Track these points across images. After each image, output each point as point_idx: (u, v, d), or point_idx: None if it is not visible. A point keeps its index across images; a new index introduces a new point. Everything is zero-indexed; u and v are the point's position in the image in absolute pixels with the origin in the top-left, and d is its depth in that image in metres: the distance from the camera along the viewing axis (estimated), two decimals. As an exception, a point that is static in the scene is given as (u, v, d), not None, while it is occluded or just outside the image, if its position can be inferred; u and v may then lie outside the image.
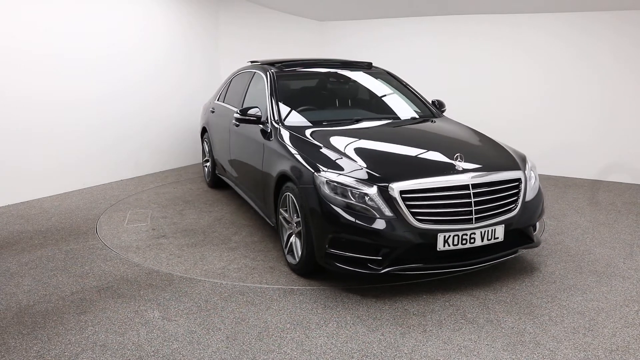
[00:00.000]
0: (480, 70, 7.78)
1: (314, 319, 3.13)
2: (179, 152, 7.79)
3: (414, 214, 3.27)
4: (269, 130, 4.32)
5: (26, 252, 4.24)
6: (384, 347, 2.82)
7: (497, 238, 3.43)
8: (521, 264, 4.01)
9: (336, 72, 5.26)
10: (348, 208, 3.30)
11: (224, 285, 3.59)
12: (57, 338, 2.91)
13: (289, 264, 3.85)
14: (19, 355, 2.74)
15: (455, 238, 3.30)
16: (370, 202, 3.27)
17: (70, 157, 6.17)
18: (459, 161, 3.47)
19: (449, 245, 3.30)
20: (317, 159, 3.62)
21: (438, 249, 3.30)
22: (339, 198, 3.33)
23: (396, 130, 4.41)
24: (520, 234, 3.65)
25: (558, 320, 3.11)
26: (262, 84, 4.89)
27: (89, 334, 2.94)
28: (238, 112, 4.54)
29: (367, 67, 5.24)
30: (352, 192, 3.31)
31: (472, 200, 3.35)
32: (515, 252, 3.63)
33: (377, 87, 5.19)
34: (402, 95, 5.09)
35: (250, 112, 4.45)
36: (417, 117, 4.72)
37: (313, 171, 3.50)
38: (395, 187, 3.28)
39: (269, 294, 3.46)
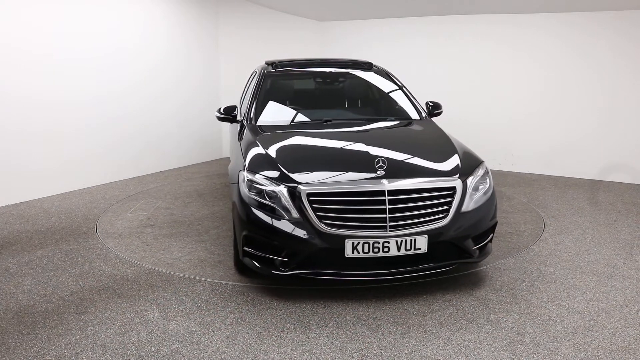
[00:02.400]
0: (480, 70, 7.78)
1: (314, 319, 3.13)
2: (180, 151, 7.80)
3: (320, 217, 3.17)
4: (239, 129, 4.44)
5: (26, 252, 4.24)
6: (384, 347, 2.82)
7: (419, 249, 3.22)
8: (521, 264, 4.01)
9: (329, 73, 5.19)
10: (260, 207, 3.31)
11: (224, 285, 3.59)
12: (57, 338, 2.91)
13: None
14: (19, 355, 2.74)
15: (366, 245, 3.14)
16: (279, 203, 3.25)
17: (71, 157, 6.17)
18: (379, 166, 3.33)
19: (358, 253, 3.15)
20: (248, 158, 3.65)
21: (346, 256, 3.16)
22: (253, 197, 3.35)
23: (349, 133, 4.19)
24: (456, 247, 3.37)
25: (558, 320, 3.11)
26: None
27: (89, 334, 2.94)
28: (217, 110, 4.66)
29: (366, 67, 5.22)
30: (265, 192, 3.32)
31: (387, 207, 3.17)
32: (447, 266, 3.38)
33: (368, 88, 5.12)
34: (391, 96, 4.97)
35: (227, 110, 4.58)
36: (395, 119, 4.58)
37: (240, 169, 3.58)
38: (303, 189, 3.21)
39: (267, 293, 3.46)
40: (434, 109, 4.82)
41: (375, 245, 3.16)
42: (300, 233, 3.18)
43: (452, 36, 7.93)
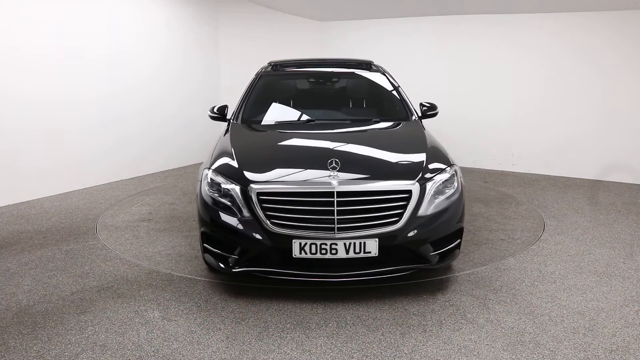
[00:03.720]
0: (480, 70, 7.79)
1: (314, 319, 3.13)
2: (180, 151, 7.80)
3: (269, 217, 3.18)
4: (225, 127, 4.49)
5: (26, 252, 4.24)
6: (384, 347, 2.82)
7: (369, 252, 3.15)
8: (521, 264, 4.01)
9: (323, 73, 5.19)
10: (216, 205, 3.36)
11: (225, 285, 3.59)
12: (57, 338, 2.91)
13: None
14: (19, 355, 2.74)
15: (313, 246, 3.12)
16: (233, 202, 3.30)
17: (71, 157, 6.17)
18: (333, 167, 3.29)
19: (305, 253, 3.14)
20: (214, 156, 3.72)
21: (294, 256, 3.16)
22: (211, 195, 3.41)
23: (324, 134, 4.15)
24: (412, 252, 3.28)
25: (558, 320, 3.10)
26: None
27: (89, 334, 2.94)
28: (210, 110, 4.71)
29: (365, 66, 5.20)
30: (220, 190, 3.38)
31: (335, 208, 3.13)
32: (401, 271, 3.29)
33: (361, 88, 5.11)
34: (382, 97, 4.93)
35: (220, 110, 4.64)
36: (382, 120, 4.50)
37: (205, 167, 3.65)
38: (254, 188, 3.23)
39: (267, 293, 3.46)
40: (429, 110, 4.73)
41: (323, 246, 3.12)
42: (250, 232, 3.20)
43: (452, 36, 7.93)
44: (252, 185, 3.25)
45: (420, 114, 4.70)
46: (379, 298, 3.39)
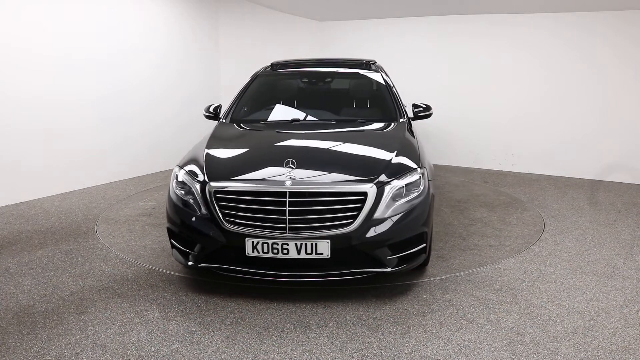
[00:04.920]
0: (480, 70, 7.79)
1: (314, 319, 3.13)
2: (180, 151, 7.77)
3: (224, 215, 3.23)
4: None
5: (26, 252, 4.24)
6: (384, 347, 2.82)
7: (322, 254, 3.13)
8: (521, 264, 4.01)
9: (319, 73, 5.19)
10: (179, 202, 3.45)
11: (225, 285, 3.59)
12: (57, 338, 2.91)
13: None
14: (19, 355, 2.74)
15: (265, 246, 3.14)
16: (194, 199, 3.37)
17: (71, 157, 6.17)
18: (289, 167, 3.29)
19: (258, 252, 3.16)
20: (187, 154, 3.84)
21: (247, 254, 3.18)
22: (177, 192, 3.50)
23: (300, 134, 4.17)
24: (366, 254, 3.22)
25: (558, 320, 3.10)
26: None
27: (89, 334, 2.94)
28: (205, 109, 4.81)
29: (364, 67, 5.18)
30: (184, 187, 3.47)
31: (287, 209, 3.13)
32: (355, 274, 3.22)
33: (354, 89, 5.10)
34: (374, 98, 4.88)
35: (215, 109, 4.75)
36: (368, 121, 4.43)
37: (176, 165, 3.75)
38: (211, 186, 3.30)
39: (267, 293, 3.46)
40: (422, 111, 4.65)
41: (274, 246, 3.13)
42: (207, 229, 3.26)
43: (452, 36, 7.93)
44: (211, 183, 3.32)
45: (412, 116, 4.65)
46: (379, 298, 3.39)
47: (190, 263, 3.38)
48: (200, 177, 3.41)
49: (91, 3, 6.22)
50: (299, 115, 4.67)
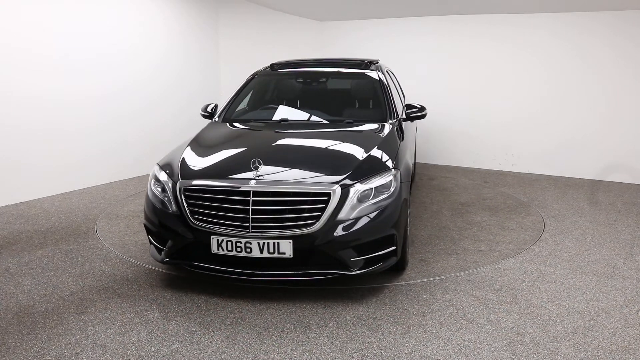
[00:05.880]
0: (480, 70, 7.79)
1: (314, 319, 3.13)
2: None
3: (192, 212, 3.30)
4: None
5: (26, 252, 4.24)
6: (384, 347, 2.82)
7: (284, 254, 3.15)
8: (521, 264, 4.01)
9: (314, 73, 5.18)
10: (155, 198, 3.54)
11: (225, 285, 3.59)
12: (57, 338, 2.91)
13: None
14: (19, 355, 2.74)
15: (229, 244, 3.19)
16: (166, 196, 3.47)
17: (71, 157, 6.17)
18: (255, 167, 3.31)
19: (222, 250, 3.22)
20: (169, 153, 3.95)
21: (212, 252, 3.24)
22: (153, 189, 3.60)
23: (282, 134, 4.18)
24: (329, 256, 3.21)
25: (558, 320, 3.11)
26: None
27: (89, 334, 2.94)
28: (202, 109, 4.89)
29: (364, 66, 5.14)
30: (160, 185, 3.56)
31: (250, 207, 3.16)
32: (318, 275, 3.22)
33: (348, 88, 5.10)
34: (367, 99, 4.84)
35: (209, 108, 4.84)
36: (357, 122, 4.38)
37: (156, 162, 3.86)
38: (181, 184, 3.38)
39: (267, 294, 3.46)
40: (419, 111, 4.59)
41: (238, 244, 3.18)
42: (176, 226, 3.34)
43: (452, 36, 7.93)
44: (181, 180, 3.40)
45: (404, 116, 4.62)
46: (379, 298, 3.39)
47: (163, 259, 3.47)
48: (174, 175, 3.51)
49: (91, 3, 6.22)
50: (290, 115, 4.69)
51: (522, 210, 5.47)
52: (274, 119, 4.67)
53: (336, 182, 3.26)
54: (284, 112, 4.81)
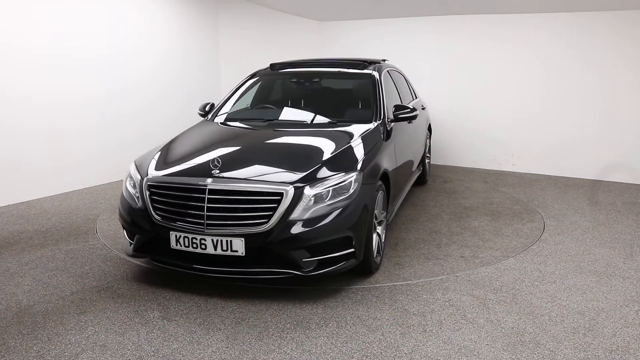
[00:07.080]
0: (480, 70, 7.78)
1: (314, 319, 3.13)
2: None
3: (155, 208, 3.42)
4: None
5: (26, 252, 4.24)
6: (384, 347, 2.82)
7: (236, 252, 3.21)
8: (521, 264, 4.01)
9: (310, 73, 5.18)
10: (127, 194, 3.67)
11: (225, 285, 3.59)
12: (57, 338, 2.91)
13: None
14: (19, 355, 2.74)
15: (186, 240, 3.29)
16: (136, 191, 3.60)
17: (71, 157, 6.17)
18: (214, 165, 3.36)
19: (180, 246, 3.33)
20: (149, 151, 4.02)
21: (172, 247, 3.36)
22: (126, 184, 3.75)
23: (263, 133, 4.30)
24: (280, 255, 3.24)
25: (558, 320, 3.11)
26: None
27: (89, 334, 2.94)
28: (199, 108, 5.01)
29: (361, 67, 5.07)
30: (131, 181, 3.70)
31: (205, 205, 3.24)
32: (270, 274, 3.25)
33: (341, 89, 5.11)
34: (358, 99, 4.83)
35: (206, 108, 4.96)
36: (345, 123, 4.35)
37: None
38: (146, 180, 3.52)
39: (266, 294, 3.46)
40: (410, 112, 4.52)
41: (194, 241, 3.28)
42: (141, 221, 3.48)
43: (452, 36, 7.93)
44: (147, 177, 3.54)
45: (392, 117, 4.54)
46: (379, 298, 3.39)
47: (130, 253, 3.61)
48: (143, 171, 3.63)
49: (91, 3, 6.22)
50: (277, 116, 4.75)
51: (525, 217, 5.33)
52: (262, 119, 4.76)
53: (291, 182, 3.28)
54: (272, 112, 4.88)
